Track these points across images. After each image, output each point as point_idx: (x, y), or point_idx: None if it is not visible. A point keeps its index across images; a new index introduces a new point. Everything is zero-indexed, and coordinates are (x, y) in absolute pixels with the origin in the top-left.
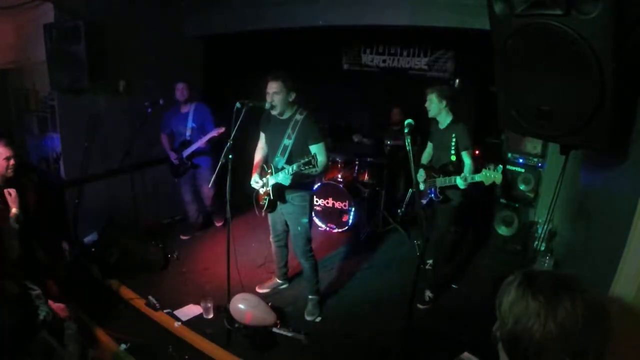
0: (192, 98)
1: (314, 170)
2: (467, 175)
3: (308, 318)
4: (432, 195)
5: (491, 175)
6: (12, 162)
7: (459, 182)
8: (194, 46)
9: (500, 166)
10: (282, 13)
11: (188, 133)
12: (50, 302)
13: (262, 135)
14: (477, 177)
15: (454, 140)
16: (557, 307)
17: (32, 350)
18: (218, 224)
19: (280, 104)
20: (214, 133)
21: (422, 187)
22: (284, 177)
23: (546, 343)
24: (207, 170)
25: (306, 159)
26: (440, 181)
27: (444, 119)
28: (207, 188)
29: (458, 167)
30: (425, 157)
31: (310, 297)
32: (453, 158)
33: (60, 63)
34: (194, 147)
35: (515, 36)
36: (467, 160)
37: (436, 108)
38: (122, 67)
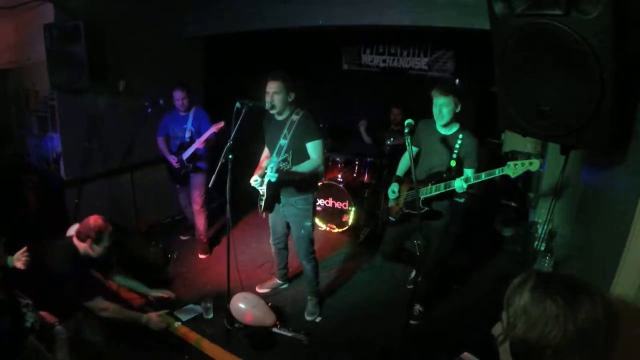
0: (191, 105)
1: (288, 167)
2: (470, 175)
3: (308, 318)
4: (404, 210)
5: (523, 166)
6: (109, 253)
7: (458, 184)
8: (194, 46)
9: (537, 160)
10: (281, 13)
11: (187, 135)
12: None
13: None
14: (498, 172)
15: (457, 149)
16: (577, 310)
17: (21, 356)
18: (202, 256)
19: (280, 104)
20: (213, 129)
21: (391, 202)
22: (270, 175)
23: (566, 348)
24: (203, 175)
25: (283, 156)
26: (426, 190)
27: (451, 126)
28: (198, 194)
29: (458, 174)
30: (403, 167)
31: (310, 297)
32: (453, 163)
33: (60, 63)
34: (193, 147)
35: (515, 36)
36: (469, 172)
37: (451, 115)
38: (122, 67)
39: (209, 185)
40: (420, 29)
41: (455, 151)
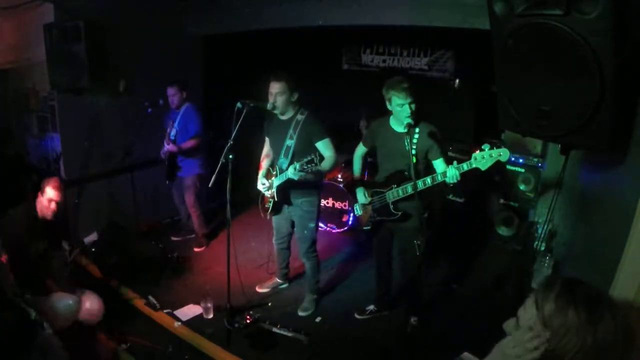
0: (184, 101)
1: (315, 168)
2: (448, 169)
3: (301, 313)
4: (376, 217)
5: (491, 157)
6: (54, 207)
7: (452, 173)
8: (194, 46)
9: (505, 149)
10: (282, 13)
11: (172, 132)
12: None
13: (266, 139)
14: (465, 166)
15: (415, 144)
16: (598, 322)
17: (34, 350)
18: (197, 249)
19: (282, 105)
20: (189, 144)
21: (358, 211)
22: (292, 173)
23: (582, 357)
24: (192, 177)
25: (308, 157)
26: (392, 194)
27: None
28: (189, 195)
29: (419, 172)
30: (358, 166)
31: (308, 294)
32: (413, 160)
33: (60, 63)
34: (166, 148)
35: (515, 36)
36: (441, 166)
37: (409, 111)
38: (122, 67)
39: (209, 185)
40: (420, 28)
41: (414, 146)
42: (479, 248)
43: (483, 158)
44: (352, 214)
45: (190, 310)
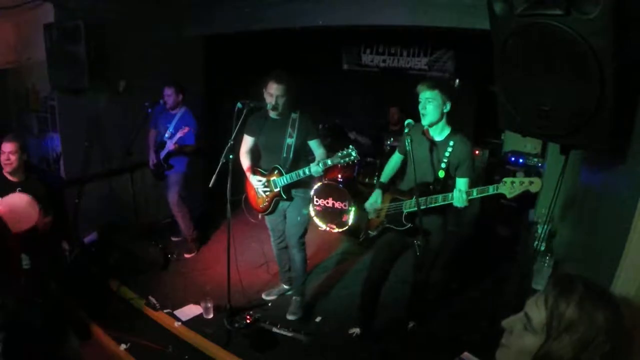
0: (181, 102)
1: (354, 159)
2: (464, 189)
3: (289, 317)
4: (385, 224)
5: (522, 185)
6: (11, 160)
7: (457, 197)
8: (194, 46)
9: (538, 180)
10: (282, 13)
11: (167, 135)
12: None
13: (249, 139)
14: (492, 189)
15: (446, 157)
16: (621, 318)
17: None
18: (187, 256)
19: (284, 106)
20: (179, 134)
21: (371, 215)
22: (316, 170)
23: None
24: (178, 174)
25: (345, 152)
26: (408, 204)
27: (441, 130)
28: (173, 193)
29: (445, 187)
30: (389, 173)
31: (294, 297)
32: (441, 174)
33: (60, 63)
34: (166, 149)
35: (515, 36)
36: (462, 181)
37: (437, 113)
38: (122, 67)
39: (209, 186)
40: (420, 28)
41: (445, 160)
42: (479, 248)
43: (513, 184)
44: (352, 214)
45: (190, 310)
